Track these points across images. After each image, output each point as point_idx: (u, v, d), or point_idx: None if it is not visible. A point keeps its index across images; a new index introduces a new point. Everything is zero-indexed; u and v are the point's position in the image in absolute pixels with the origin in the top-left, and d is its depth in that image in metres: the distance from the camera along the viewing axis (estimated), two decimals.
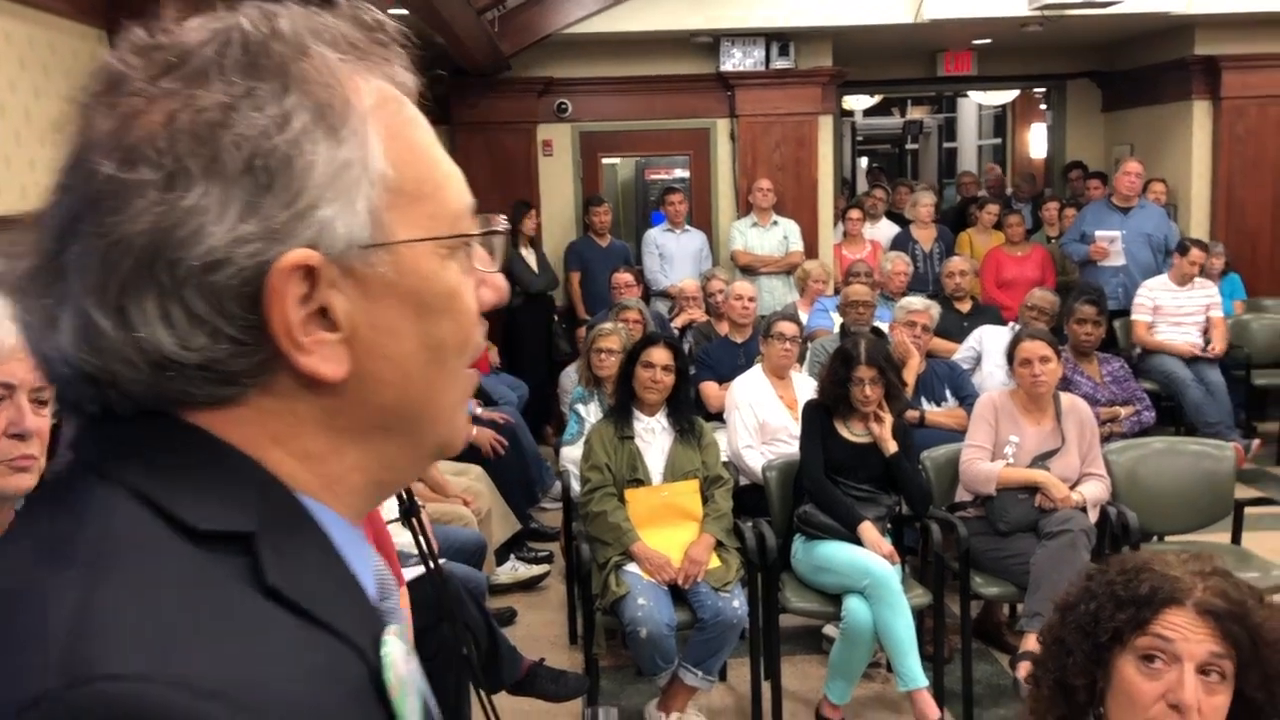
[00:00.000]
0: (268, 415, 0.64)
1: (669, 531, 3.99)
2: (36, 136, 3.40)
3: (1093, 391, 5.24)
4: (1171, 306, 6.93)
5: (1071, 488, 4.17)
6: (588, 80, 8.23)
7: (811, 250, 8.03)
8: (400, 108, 0.68)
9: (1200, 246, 6.98)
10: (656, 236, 7.94)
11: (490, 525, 5.03)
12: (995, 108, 14.41)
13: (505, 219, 0.79)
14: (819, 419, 4.19)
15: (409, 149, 0.68)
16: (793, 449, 4.49)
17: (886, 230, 8.77)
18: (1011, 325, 5.95)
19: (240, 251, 0.61)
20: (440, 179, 0.70)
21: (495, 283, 0.74)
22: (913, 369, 5.27)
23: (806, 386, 4.95)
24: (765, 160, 8.25)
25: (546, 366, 7.52)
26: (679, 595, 3.87)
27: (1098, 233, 7.53)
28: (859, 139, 17.72)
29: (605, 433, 4.13)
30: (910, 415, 4.87)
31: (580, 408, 5.04)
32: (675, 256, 7.86)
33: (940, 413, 5.27)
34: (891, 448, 4.10)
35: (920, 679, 3.74)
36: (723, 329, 6.33)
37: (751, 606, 3.93)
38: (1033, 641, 3.73)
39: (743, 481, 4.68)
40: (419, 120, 0.70)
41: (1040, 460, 4.23)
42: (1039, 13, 7.62)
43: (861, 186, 13.63)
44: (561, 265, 7.99)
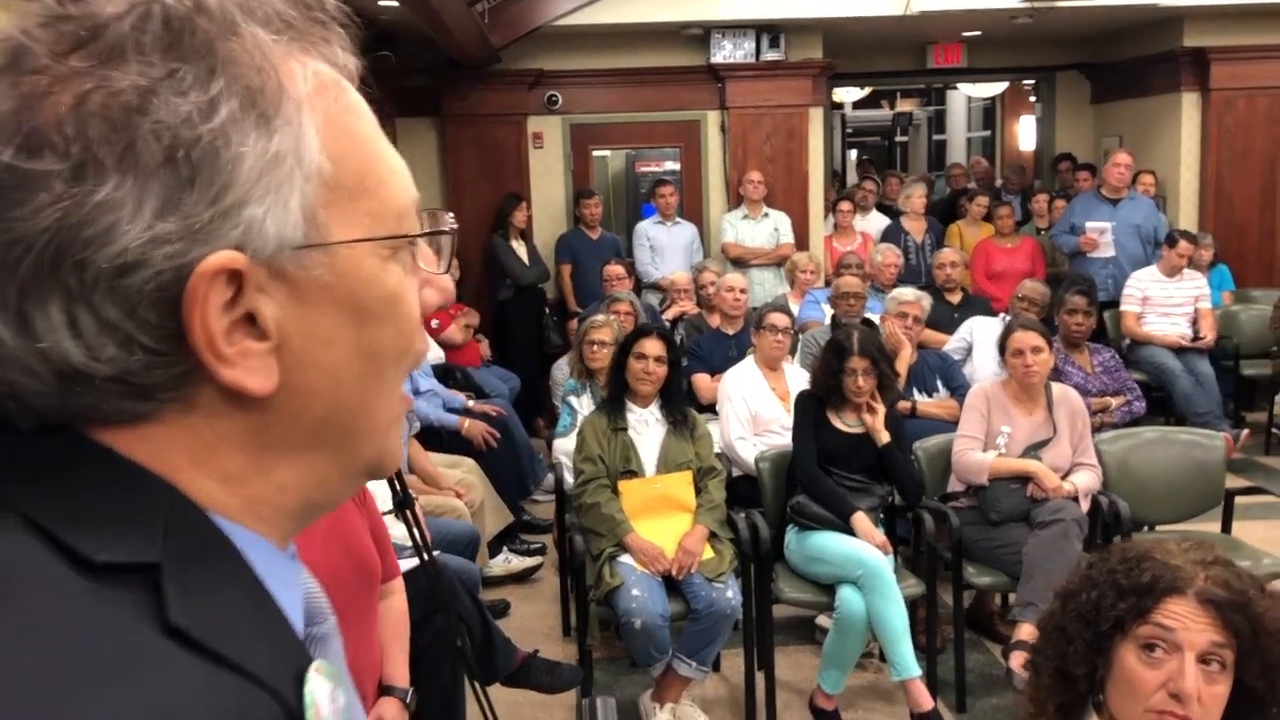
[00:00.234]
0: (185, 432, 0.59)
1: (662, 523, 3.99)
2: None
3: (1084, 382, 5.26)
4: (1161, 297, 6.96)
5: (1063, 477, 4.19)
6: (578, 73, 8.21)
7: (802, 242, 8.03)
8: (340, 94, 0.62)
9: (1188, 238, 7.01)
10: (647, 229, 7.93)
11: (483, 518, 5.02)
12: (984, 100, 14.42)
13: (452, 216, 0.74)
14: (812, 410, 4.19)
15: (349, 140, 0.62)
16: (785, 440, 4.50)
17: (877, 222, 8.78)
18: (1002, 316, 5.97)
19: (157, 253, 0.54)
20: (383, 173, 0.64)
21: (440, 284, 0.69)
22: (905, 360, 5.28)
23: (798, 378, 4.96)
24: (756, 152, 8.25)
25: (538, 359, 7.51)
26: (673, 586, 3.87)
27: (1088, 224, 7.56)
28: (848, 131, 17.73)
29: (598, 424, 4.12)
30: (902, 406, 4.88)
31: (572, 400, 5.03)
32: (666, 249, 7.86)
33: (932, 403, 5.28)
34: (884, 438, 4.10)
35: (914, 668, 3.75)
36: (714, 321, 6.33)
37: (745, 597, 3.94)
38: (1025, 631, 3.75)
39: (735, 473, 4.69)
40: (360, 108, 0.64)
41: (1032, 450, 4.24)
42: (1028, 5, 7.64)
43: (852, 179, 13.64)
44: (552, 258, 7.98)
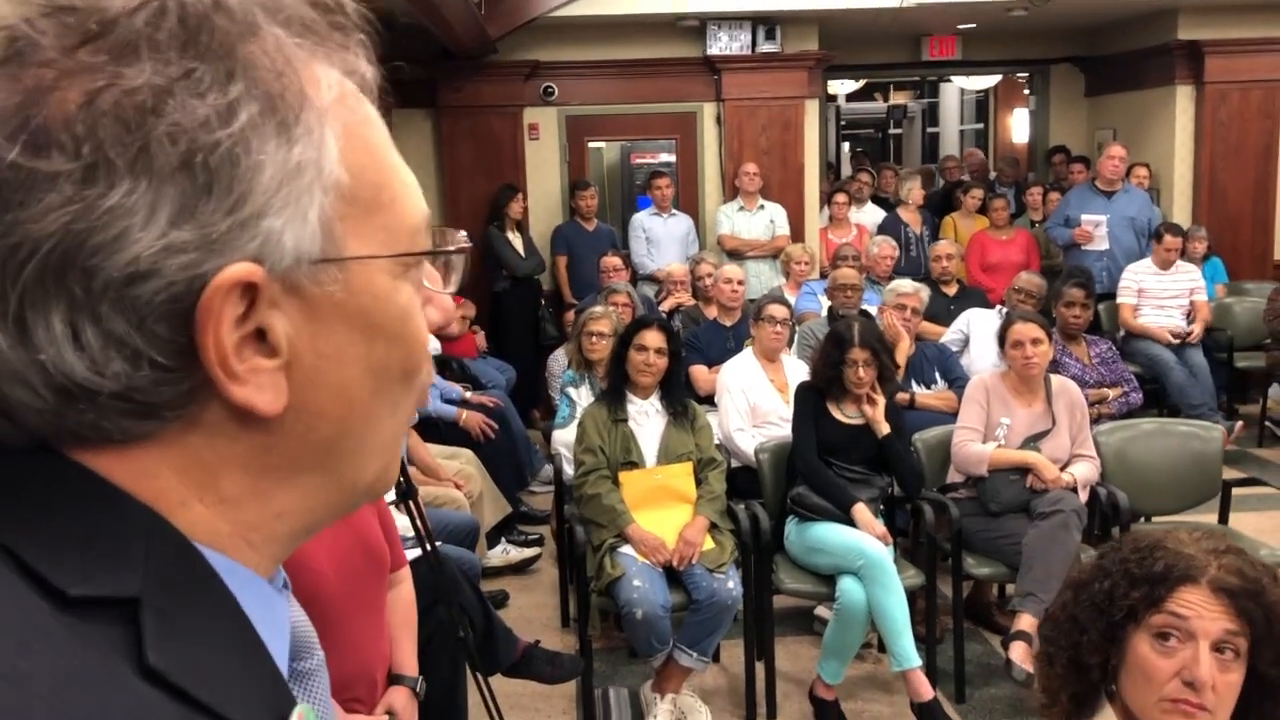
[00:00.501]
0: (183, 453, 0.55)
1: (663, 514, 3.99)
2: None
3: (1081, 373, 5.28)
4: (1157, 290, 6.99)
5: (1062, 469, 4.21)
6: (574, 64, 8.19)
7: (797, 234, 8.04)
8: (358, 104, 0.60)
9: (1173, 231, 7.04)
10: (643, 220, 7.93)
11: (481, 509, 5.03)
12: (978, 93, 14.43)
13: (464, 235, 0.73)
14: (812, 401, 4.20)
15: (366, 152, 0.59)
16: (783, 432, 4.51)
17: (872, 214, 8.79)
18: (998, 308, 5.98)
19: (171, 263, 0.52)
20: (398, 188, 0.61)
21: (442, 304, 0.67)
22: (903, 351, 5.29)
23: (796, 369, 4.97)
24: (751, 144, 8.25)
25: (533, 350, 7.51)
26: (674, 577, 3.88)
27: (1083, 216, 7.58)
28: (843, 124, 17.74)
29: (598, 415, 4.12)
30: (900, 398, 4.89)
31: (571, 391, 5.03)
32: (662, 240, 7.86)
33: (930, 395, 5.29)
34: (885, 429, 4.12)
35: (914, 659, 3.77)
36: (711, 312, 6.34)
37: (744, 588, 3.95)
38: (1025, 621, 3.77)
39: (734, 464, 4.69)
40: (376, 120, 0.62)
41: (1031, 441, 4.26)
42: None
43: (846, 171, 13.64)
44: (548, 249, 7.97)
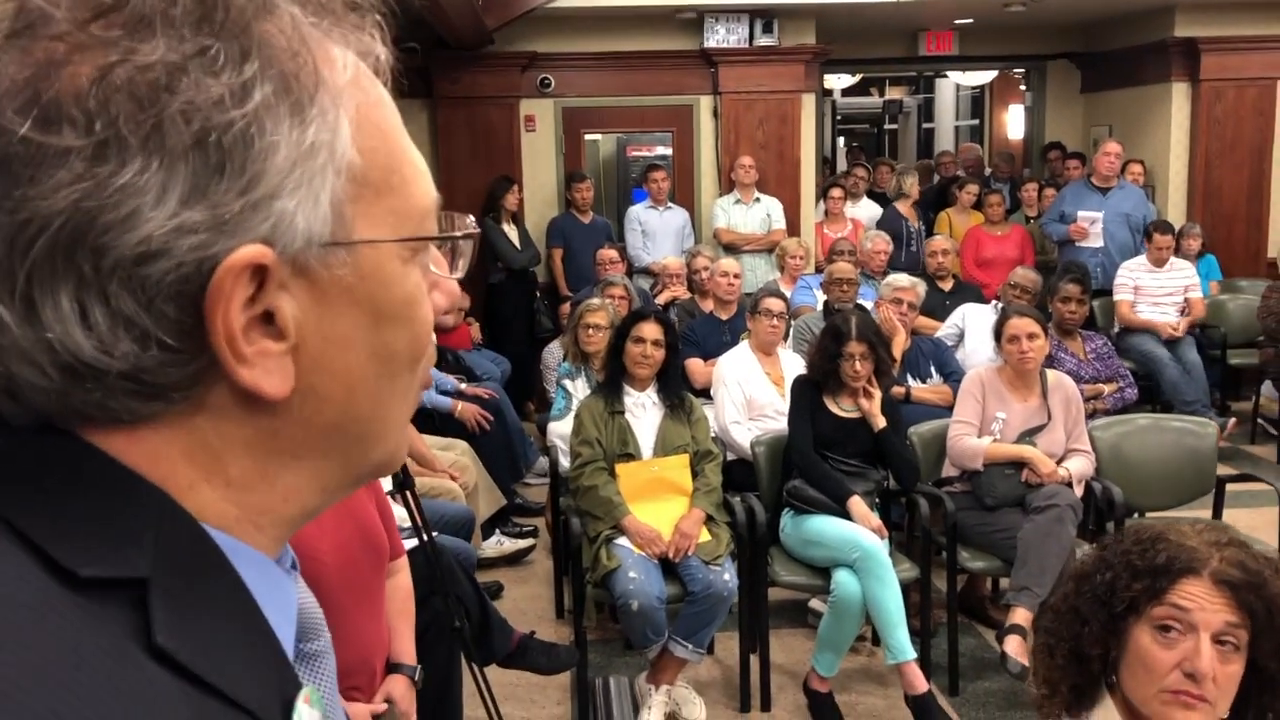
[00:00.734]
0: (188, 435, 0.55)
1: (659, 506, 4.00)
2: None
3: (1077, 368, 5.29)
4: (1152, 287, 7.01)
5: (1057, 463, 4.22)
6: (571, 55, 8.18)
7: (793, 229, 8.03)
8: (372, 86, 0.59)
9: (1165, 230, 7.07)
10: (639, 213, 7.92)
11: (476, 500, 5.03)
12: (973, 88, 14.43)
13: (472, 220, 0.73)
14: (808, 394, 4.21)
15: (378, 135, 0.59)
16: (779, 425, 4.51)
17: (867, 209, 8.80)
18: (993, 304, 5.99)
19: (182, 243, 0.51)
20: (408, 172, 0.61)
21: (448, 288, 0.66)
22: (899, 345, 5.30)
23: (792, 363, 4.97)
24: (748, 138, 8.24)
25: (528, 343, 7.50)
26: (669, 569, 3.89)
27: (1080, 213, 7.59)
28: (838, 118, 17.73)
29: (595, 408, 4.12)
30: (896, 391, 4.89)
31: (567, 383, 5.03)
32: (658, 233, 7.85)
33: (926, 389, 5.30)
34: (881, 423, 4.12)
35: (909, 651, 3.78)
36: (707, 306, 6.34)
37: (740, 580, 3.95)
38: (1020, 615, 3.78)
39: (730, 457, 4.70)
40: (389, 102, 0.61)
41: (1027, 436, 4.27)
42: None
43: (841, 166, 13.64)
44: (543, 241, 7.96)
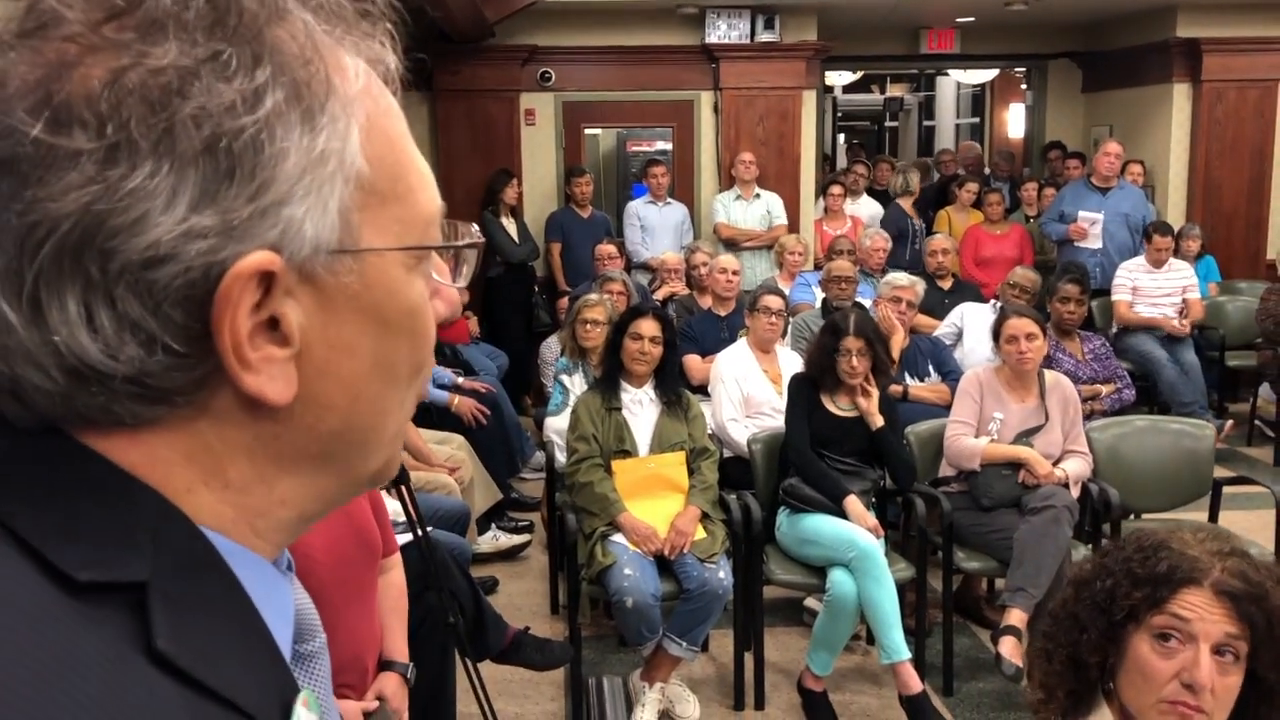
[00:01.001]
0: (190, 440, 0.56)
1: (655, 503, 3.99)
2: None
3: (1075, 369, 5.28)
4: (1151, 287, 7.01)
5: (1054, 464, 4.21)
6: (572, 49, 8.15)
7: (793, 225, 8.02)
8: (381, 94, 0.60)
9: (1164, 231, 7.06)
10: (638, 208, 7.90)
11: (472, 494, 5.01)
12: (974, 87, 14.42)
13: (478, 229, 0.73)
14: (805, 393, 4.19)
15: (386, 143, 0.59)
16: (776, 423, 4.50)
17: (867, 207, 8.78)
18: (992, 303, 5.98)
19: (190, 248, 0.51)
20: (414, 180, 0.62)
21: (449, 296, 0.67)
22: (897, 344, 5.28)
23: (790, 361, 4.96)
24: (748, 134, 8.22)
25: (526, 337, 7.48)
26: (664, 566, 3.88)
27: (1080, 213, 7.58)
28: (839, 115, 17.70)
29: (592, 403, 4.11)
30: (893, 390, 4.88)
31: (564, 378, 5.02)
32: (657, 229, 7.83)
33: (924, 388, 5.29)
34: (878, 422, 4.11)
35: (903, 651, 3.77)
36: (705, 302, 6.32)
37: (735, 578, 3.94)
38: (1015, 616, 3.77)
39: (726, 454, 4.69)
40: (397, 111, 0.62)
41: (1024, 437, 4.26)
42: None
43: (842, 162, 13.62)
44: (542, 235, 7.94)
